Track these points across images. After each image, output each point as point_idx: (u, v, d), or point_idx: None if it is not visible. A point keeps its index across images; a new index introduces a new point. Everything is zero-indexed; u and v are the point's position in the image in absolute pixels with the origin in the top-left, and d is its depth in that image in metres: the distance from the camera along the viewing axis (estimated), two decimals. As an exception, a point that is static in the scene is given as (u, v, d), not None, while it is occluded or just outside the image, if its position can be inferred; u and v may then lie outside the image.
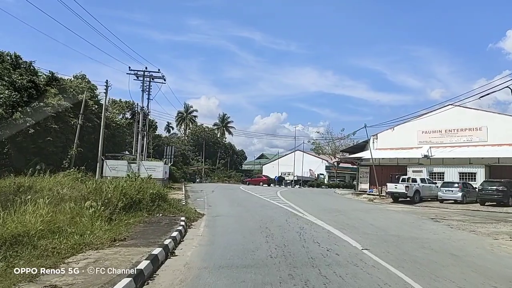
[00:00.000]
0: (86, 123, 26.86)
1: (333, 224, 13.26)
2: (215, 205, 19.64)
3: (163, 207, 13.45)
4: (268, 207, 19.29)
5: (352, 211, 19.23)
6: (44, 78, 25.97)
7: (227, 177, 79.82)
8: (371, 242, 9.80)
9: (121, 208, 12.00)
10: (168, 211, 13.32)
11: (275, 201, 23.20)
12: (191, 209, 15.34)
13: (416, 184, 28.00)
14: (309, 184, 60.55)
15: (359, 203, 27.00)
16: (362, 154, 37.87)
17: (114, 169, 26.84)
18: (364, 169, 38.21)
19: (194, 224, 12.45)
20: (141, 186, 13.85)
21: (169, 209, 13.52)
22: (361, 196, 34.84)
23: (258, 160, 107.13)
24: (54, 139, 23.54)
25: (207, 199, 23.36)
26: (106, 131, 29.61)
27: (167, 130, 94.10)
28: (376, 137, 39.52)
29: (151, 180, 17.54)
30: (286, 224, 13.20)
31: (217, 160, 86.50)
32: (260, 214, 15.97)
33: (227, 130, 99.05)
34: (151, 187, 14.30)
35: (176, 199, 19.65)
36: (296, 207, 19.82)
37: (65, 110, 25.50)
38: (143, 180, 15.07)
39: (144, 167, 27.01)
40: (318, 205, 22.23)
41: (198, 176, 68.89)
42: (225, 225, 12.52)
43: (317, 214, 16.82)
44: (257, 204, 20.94)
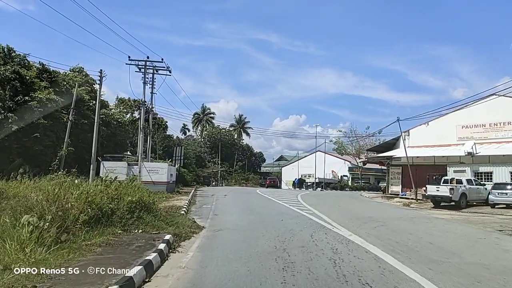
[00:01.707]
0: (81, 120, 23.94)
1: (376, 243, 9.55)
2: (223, 214, 16.14)
3: (146, 220, 10.01)
4: (287, 216, 15.66)
5: (392, 220, 15.41)
6: (35, 71, 23.20)
7: (244, 180, 76.54)
8: (455, 283, 6.09)
9: (83, 222, 8.67)
10: (152, 225, 9.87)
11: (296, 207, 19.56)
12: (187, 221, 11.88)
13: (461, 186, 23.84)
14: (332, 186, 56.53)
15: (394, 208, 23.05)
16: (392, 153, 33.75)
17: (112, 172, 23.71)
18: (395, 170, 34.07)
19: (183, 245, 8.97)
20: (118, 192, 10.46)
21: (154, 222, 10.07)
22: (393, 200, 30.78)
23: (277, 162, 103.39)
24: (42, 138, 20.65)
25: (216, 205, 19.91)
26: (104, 129, 26.64)
27: (183, 132, 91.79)
28: (407, 133, 35.31)
29: (135, 183, 14.15)
30: (312, 242, 9.57)
31: (234, 163, 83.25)
32: (276, 226, 12.37)
33: (244, 131, 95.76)
34: (131, 193, 10.87)
35: (175, 207, 16.34)
36: (322, 215, 16.15)
37: (57, 106, 22.64)
38: (121, 183, 11.69)
39: (146, 169, 23.85)
40: (348, 212, 18.47)
41: (214, 179, 65.71)
42: (227, 246, 8.97)
43: (349, 225, 13.12)
44: (274, 212, 17.34)
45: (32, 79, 21.91)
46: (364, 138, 55.81)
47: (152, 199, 11.74)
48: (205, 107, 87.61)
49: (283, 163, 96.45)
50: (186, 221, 11.95)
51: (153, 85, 26.80)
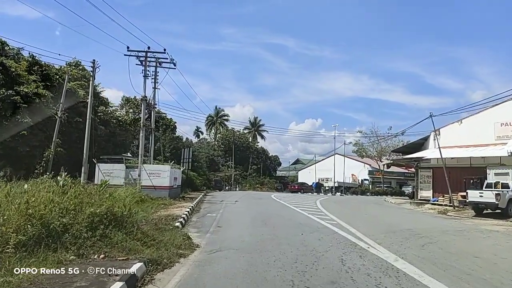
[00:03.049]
0: (76, 118, 21.56)
1: (440, 276, 6.63)
2: (228, 225, 13.32)
3: (114, 239, 7.27)
4: (307, 229, 12.76)
5: (438, 235, 12.34)
6: (24, 64, 20.95)
7: (259, 184, 73.56)
8: None
9: (17, 244, 6.05)
10: (121, 247, 7.13)
11: (316, 216, 16.63)
12: (177, 238, 9.13)
13: (509, 191, 20.49)
14: (352, 191, 53.11)
15: (431, 217, 19.84)
16: (422, 154, 30.39)
17: (109, 175, 21.29)
18: (425, 173, 30.69)
19: (160, 278, 6.22)
20: (77, 200, 7.76)
21: (125, 242, 7.31)
22: (424, 206, 27.46)
23: (293, 166, 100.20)
24: (29, 137, 18.30)
25: (223, 214, 17.11)
26: (103, 128, 24.23)
27: (196, 135, 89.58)
28: (438, 132, 31.86)
29: (130, 189, 11.49)
30: (345, 274, 6.69)
31: (248, 166, 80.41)
32: (294, 245, 9.51)
33: (259, 134, 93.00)
34: (97, 202, 8.13)
35: (172, 217, 13.67)
36: (348, 226, 13.22)
37: (47, 101, 20.28)
38: (86, 189, 9.00)
39: (146, 172, 21.28)
40: (379, 223, 15.44)
41: (227, 183, 63.04)
42: (221, 282, 6.15)
43: (387, 241, 10.20)
44: (291, 223, 14.45)
45: (17, 71, 19.61)
46: (386, 139, 52.29)
47: (129, 210, 8.95)
48: (219, 109, 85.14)
49: (299, 166, 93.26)
50: (176, 237, 9.19)
51: (155, 79, 24.32)
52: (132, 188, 18.91)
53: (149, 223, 11.12)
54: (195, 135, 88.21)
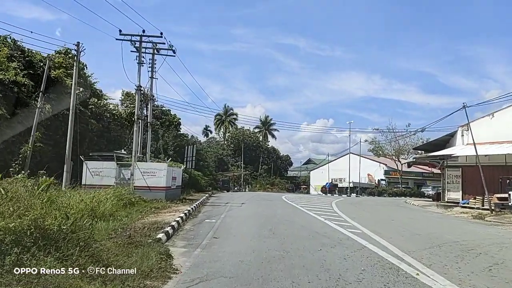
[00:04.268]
0: (64, 111, 19.24)
1: None
2: (227, 236, 10.71)
3: (34, 269, 4.68)
4: (326, 241, 10.11)
5: (496, 250, 9.57)
6: (5, 50, 18.66)
7: (270, 184, 70.96)
8: None
9: None
10: (42, 282, 4.53)
11: (335, 222, 13.94)
12: (147, 259, 6.54)
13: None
14: (368, 192, 50.05)
15: (468, 224, 16.92)
16: (450, 151, 27.37)
17: (98, 174, 18.95)
18: (453, 172, 27.64)
19: None
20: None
21: (50, 276, 4.72)
22: (453, 209, 24.47)
23: (305, 166, 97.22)
24: (3, 130, 15.99)
25: (224, 219, 14.50)
26: (94, 122, 21.85)
27: (205, 134, 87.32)
28: (466, 127, 28.83)
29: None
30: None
31: (259, 166, 77.78)
32: (312, 268, 6.90)
33: (270, 133, 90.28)
34: (19, 211, 5.54)
35: (158, 225, 11.12)
36: (378, 237, 10.54)
37: (27, 91, 17.96)
38: (7, 193, 6.44)
39: (139, 171, 18.82)
40: (413, 232, 12.67)
41: (237, 183, 60.52)
42: None
43: (438, 262, 7.53)
44: (305, 232, 11.79)
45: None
46: (404, 137, 49.06)
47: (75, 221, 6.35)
48: (228, 107, 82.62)
49: (311, 166, 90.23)
50: (149, 258, 6.61)
51: (153, 67, 21.89)
52: (121, 189, 16.50)
53: (121, 235, 8.58)
54: (203, 134, 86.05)
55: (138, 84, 19.95)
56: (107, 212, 12.31)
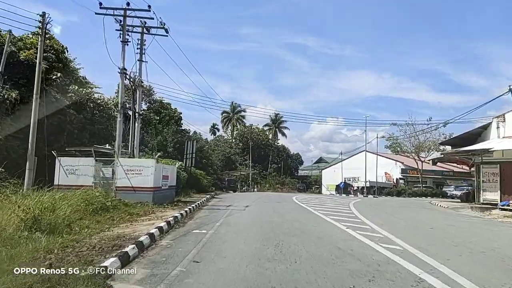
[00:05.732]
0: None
1: None
2: (215, 256, 7.56)
3: None
4: (354, 265, 6.97)
5: None
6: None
7: (280, 184, 67.83)
8: None
9: None
10: None
11: (360, 233, 10.73)
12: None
13: None
14: (386, 192, 46.45)
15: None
16: (486, 145, 23.83)
17: (73, 173, 15.97)
18: (489, 169, 24.07)
19: None
20: None
21: None
22: (492, 212, 21.00)
23: (316, 165, 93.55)
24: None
25: (218, 230, 11.30)
26: (74, 113, 18.82)
27: (212, 132, 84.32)
28: (502, 118, 25.28)
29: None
30: None
31: (268, 165, 74.50)
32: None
33: (280, 131, 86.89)
34: None
35: (120, 242, 8.02)
36: (430, 259, 7.37)
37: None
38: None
39: (122, 169, 15.78)
40: (473, 248, 9.35)
41: (245, 183, 57.38)
42: None
43: None
44: (321, 247, 8.62)
45: None
46: (424, 132, 45.28)
47: None
48: (235, 104, 79.43)
49: (322, 165, 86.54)
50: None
51: (142, 48, 18.78)
52: (94, 191, 13.51)
53: (39, 262, 5.51)
54: (211, 132, 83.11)
55: (122, 66, 16.87)
56: (61, 221, 9.30)
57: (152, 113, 33.14)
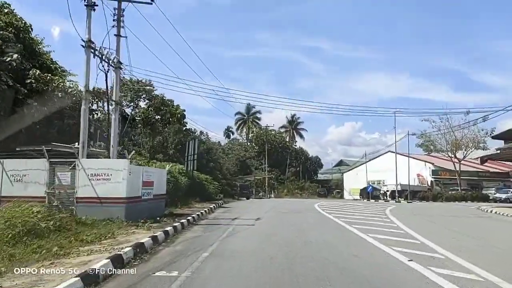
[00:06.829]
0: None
1: None
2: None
3: None
4: None
5: None
6: None
7: (299, 189, 63.05)
8: None
9: None
10: None
11: (435, 271, 6.11)
12: None
13: None
14: (420, 196, 41.20)
15: None
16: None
17: (20, 180, 11.86)
18: None
19: None
20: None
21: None
22: None
23: (337, 168, 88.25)
24: None
25: (202, 265, 6.89)
26: (35, 105, 14.72)
27: (226, 135, 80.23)
28: None
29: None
30: None
31: (286, 169, 69.77)
32: None
33: (297, 133, 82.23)
34: None
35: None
36: None
37: None
38: None
39: (85, 173, 11.55)
40: None
41: (261, 189, 52.88)
42: None
43: None
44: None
45: None
46: (461, 128, 39.89)
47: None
48: (250, 106, 75.15)
49: (343, 168, 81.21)
50: None
51: (119, 20, 14.54)
52: (32, 206, 9.35)
53: None
54: (225, 135, 79.03)
55: (87, 37, 12.67)
56: None
57: (152, 111, 29.14)
